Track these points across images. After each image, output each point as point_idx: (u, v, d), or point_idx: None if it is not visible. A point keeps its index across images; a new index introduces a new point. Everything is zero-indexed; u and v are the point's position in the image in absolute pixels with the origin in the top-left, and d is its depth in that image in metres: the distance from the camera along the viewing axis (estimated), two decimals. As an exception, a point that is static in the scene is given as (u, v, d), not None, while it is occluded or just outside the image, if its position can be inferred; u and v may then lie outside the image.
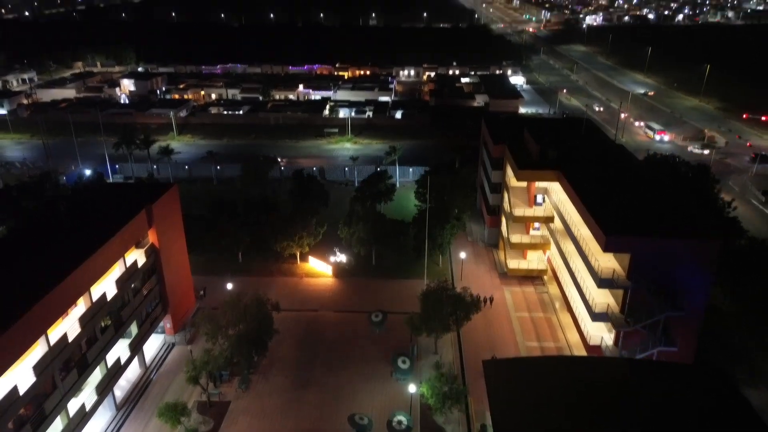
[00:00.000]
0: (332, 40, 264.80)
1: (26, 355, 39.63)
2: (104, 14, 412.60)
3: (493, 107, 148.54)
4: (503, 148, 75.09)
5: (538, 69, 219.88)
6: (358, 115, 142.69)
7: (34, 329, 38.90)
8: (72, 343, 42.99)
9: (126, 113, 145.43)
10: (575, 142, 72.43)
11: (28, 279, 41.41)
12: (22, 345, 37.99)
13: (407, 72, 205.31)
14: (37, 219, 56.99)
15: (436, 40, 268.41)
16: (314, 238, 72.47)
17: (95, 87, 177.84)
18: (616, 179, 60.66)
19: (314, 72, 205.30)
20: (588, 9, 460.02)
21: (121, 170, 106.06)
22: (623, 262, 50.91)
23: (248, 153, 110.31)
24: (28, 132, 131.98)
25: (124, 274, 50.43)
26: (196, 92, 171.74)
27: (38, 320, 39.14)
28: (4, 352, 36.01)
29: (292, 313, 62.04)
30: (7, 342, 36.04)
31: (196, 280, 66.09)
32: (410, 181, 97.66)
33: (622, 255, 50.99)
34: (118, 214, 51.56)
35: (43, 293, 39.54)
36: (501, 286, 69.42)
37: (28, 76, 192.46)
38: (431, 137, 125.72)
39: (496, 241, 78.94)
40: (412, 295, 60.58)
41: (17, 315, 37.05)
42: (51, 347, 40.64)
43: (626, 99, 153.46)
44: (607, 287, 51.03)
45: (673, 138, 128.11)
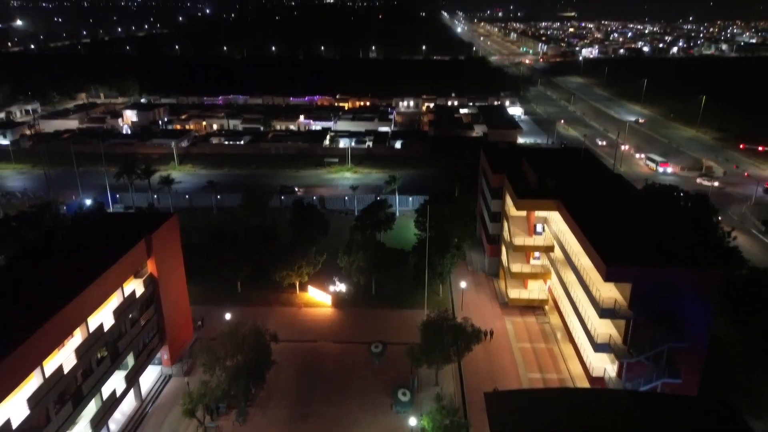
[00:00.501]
0: (333, 72, 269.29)
1: (21, 388, 39.01)
2: (109, 48, 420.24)
3: (491, 137, 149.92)
4: (502, 177, 75.49)
5: (535, 100, 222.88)
6: (358, 145, 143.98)
7: (29, 361, 38.39)
8: (67, 375, 42.38)
9: (128, 143, 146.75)
10: (574, 172, 72.88)
11: (25, 309, 41.04)
12: (16, 377, 37.44)
13: (406, 103, 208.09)
14: (36, 249, 56.83)
15: (434, 71, 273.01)
16: (314, 268, 72.19)
17: (98, 118, 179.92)
18: (616, 209, 60.80)
19: (315, 103, 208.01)
20: (584, 42, 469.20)
21: (121, 200, 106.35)
22: (624, 292, 50.60)
23: (249, 182, 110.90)
24: (29, 162, 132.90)
25: (122, 305, 50.02)
26: (198, 123, 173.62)
27: (34, 352, 38.66)
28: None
29: (290, 344, 61.32)
30: (2, 374, 35.53)
31: (195, 310, 65.53)
32: (410, 210, 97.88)
33: (623, 285, 50.72)
34: (117, 244, 51.46)
35: (39, 324, 39.15)
36: (502, 316, 68.84)
37: (32, 107, 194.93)
38: (430, 167, 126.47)
39: (497, 271, 78.62)
40: (412, 325, 59.97)
41: (12, 347, 36.59)
42: (46, 379, 40.04)
43: (623, 129, 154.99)
44: (609, 317, 50.61)
45: (678, 171, 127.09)
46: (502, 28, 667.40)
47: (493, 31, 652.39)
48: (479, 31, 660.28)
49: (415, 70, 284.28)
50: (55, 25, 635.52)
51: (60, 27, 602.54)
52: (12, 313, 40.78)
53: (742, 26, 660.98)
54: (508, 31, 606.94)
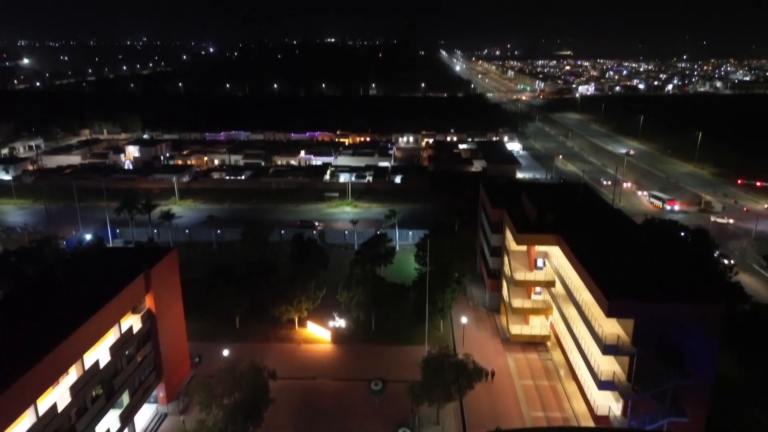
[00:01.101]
0: (333, 109, 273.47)
1: (13, 427, 38.10)
2: (113, 85, 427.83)
3: (490, 172, 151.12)
4: (502, 212, 75.71)
5: (533, 136, 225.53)
6: (358, 179, 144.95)
7: (23, 399, 37.66)
8: (61, 413, 41.50)
9: (129, 178, 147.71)
10: (573, 207, 73.14)
11: (21, 346, 40.53)
12: (9, 416, 36.66)
13: (406, 138, 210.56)
14: (34, 284, 56.48)
15: (433, 108, 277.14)
16: (313, 303, 71.61)
17: (101, 153, 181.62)
18: (616, 243, 60.74)
19: (316, 138, 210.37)
20: (580, 79, 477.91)
21: (121, 235, 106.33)
22: (627, 328, 50.06)
23: (249, 217, 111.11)
24: (31, 197, 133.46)
25: (118, 341, 49.39)
26: (200, 158, 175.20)
27: (28, 390, 37.97)
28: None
29: (289, 381, 60.32)
30: (-7, 413, 34.79)
31: (192, 346, 64.70)
32: (410, 244, 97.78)
33: (626, 320, 50.23)
34: (115, 279, 51.20)
35: (34, 361, 38.58)
36: (504, 353, 67.88)
37: (35, 143, 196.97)
38: (430, 201, 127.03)
39: (498, 306, 77.96)
40: (413, 361, 59.09)
41: (6, 385, 35.98)
42: (39, 418, 39.18)
43: (621, 164, 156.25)
44: (612, 354, 49.94)
45: (686, 207, 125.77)
46: (499, 66, 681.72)
47: (490, 69, 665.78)
48: (477, 69, 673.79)
49: (414, 106, 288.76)
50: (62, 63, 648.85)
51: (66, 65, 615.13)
52: (7, 349, 40.23)
53: (736, 64, 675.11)
54: (505, 69, 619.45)
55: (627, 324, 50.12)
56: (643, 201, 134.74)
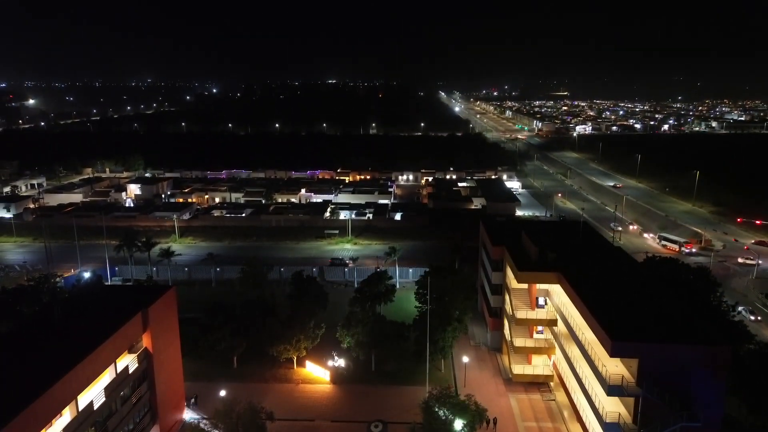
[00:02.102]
0: (334, 147, 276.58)
1: (1, 471, 36.98)
2: (117, 125, 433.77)
3: (490, 210, 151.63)
4: (503, 250, 75.56)
5: (532, 174, 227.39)
6: (358, 216, 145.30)
7: (13, 442, 36.66)
8: (52, 457, 40.36)
9: (130, 216, 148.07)
10: (574, 245, 73.04)
11: (15, 386, 39.76)
12: (-2, 459, 35.62)
13: (406, 176, 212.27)
14: (31, 323, 55.84)
15: (433, 147, 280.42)
16: (312, 342, 70.63)
17: (102, 191, 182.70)
18: (617, 282, 60.38)
19: (316, 176, 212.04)
20: (577, 119, 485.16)
21: (120, 273, 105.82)
22: (632, 368, 49.23)
23: (249, 255, 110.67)
24: (31, 235, 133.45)
25: (113, 381, 48.49)
26: (201, 196, 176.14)
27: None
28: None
29: (286, 423, 58.94)
30: (-17, 456, 33.86)
31: (188, 386, 63.46)
32: (410, 282, 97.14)
33: (630, 360, 49.43)
34: (112, 318, 50.66)
35: (27, 403, 37.77)
36: (506, 393, 66.53)
37: (38, 181, 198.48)
38: (430, 238, 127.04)
39: (500, 345, 76.87)
40: (414, 402, 57.89)
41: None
42: (29, 462, 38.07)
43: (620, 202, 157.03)
44: (617, 395, 48.92)
45: (702, 247, 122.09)
46: (497, 106, 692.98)
47: (488, 109, 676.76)
48: (475, 109, 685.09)
49: (414, 145, 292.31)
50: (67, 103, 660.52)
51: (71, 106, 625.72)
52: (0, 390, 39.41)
53: (731, 105, 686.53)
54: (503, 109, 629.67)
55: (631, 364, 49.31)
56: (652, 244, 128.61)
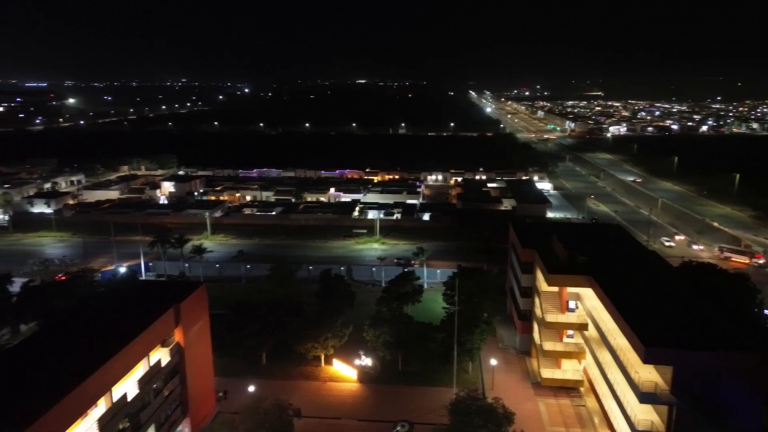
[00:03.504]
0: (363, 147, 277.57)
1: (39, 458, 38.21)
2: (152, 124, 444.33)
3: (520, 211, 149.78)
4: (532, 252, 74.57)
5: (564, 175, 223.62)
6: (386, 216, 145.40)
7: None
8: (87, 446, 41.57)
9: (163, 213, 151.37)
10: (606, 248, 71.60)
11: (52, 377, 41.08)
12: (37, 447, 36.81)
13: (435, 176, 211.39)
14: (68, 316, 57.71)
15: (462, 147, 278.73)
16: (339, 340, 71.01)
17: (138, 189, 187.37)
18: (652, 286, 58.92)
19: (345, 176, 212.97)
20: (611, 120, 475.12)
21: (154, 268, 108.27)
22: (665, 375, 47.97)
23: (278, 253, 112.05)
24: (70, 230, 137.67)
25: (147, 374, 49.67)
26: (232, 194, 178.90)
27: (56, 422, 38.24)
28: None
29: (313, 421, 59.36)
30: (23, 444, 35.01)
31: (218, 381, 64.52)
32: (438, 283, 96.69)
33: (664, 367, 48.17)
34: (146, 312, 51.89)
35: (64, 393, 38.98)
36: (534, 397, 65.60)
37: (77, 178, 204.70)
38: (458, 239, 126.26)
39: (528, 348, 75.88)
40: (440, 404, 57.64)
41: (34, 417, 36.34)
42: (66, 450, 39.29)
43: (655, 205, 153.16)
44: (650, 402, 47.75)
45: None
46: (528, 106, 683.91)
47: (519, 109, 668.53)
48: (506, 109, 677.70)
49: (443, 145, 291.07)
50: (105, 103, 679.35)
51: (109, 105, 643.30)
52: (39, 381, 40.79)
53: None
54: (534, 109, 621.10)
55: (665, 371, 48.05)
56: (703, 255, 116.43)
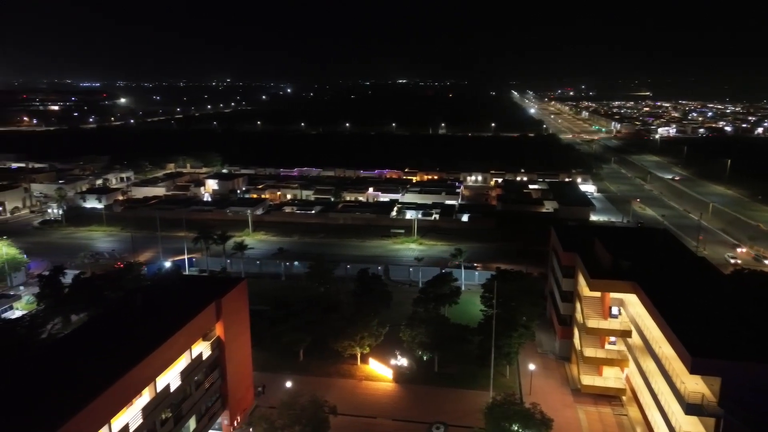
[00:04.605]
0: (402, 147, 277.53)
1: (87, 444, 39.74)
2: (197, 123, 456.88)
3: (562, 214, 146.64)
4: (574, 256, 72.88)
5: (608, 178, 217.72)
6: (424, 217, 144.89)
7: (99, 418, 39.40)
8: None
9: (207, 210, 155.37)
10: (652, 253, 69.29)
11: (100, 366, 42.67)
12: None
13: (474, 177, 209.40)
14: (117, 308, 59.94)
15: (503, 147, 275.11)
16: (375, 339, 71.20)
17: (183, 186, 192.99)
18: (700, 294, 56.65)
19: (384, 176, 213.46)
20: (660, 121, 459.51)
21: (197, 263, 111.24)
22: (713, 387, 46.03)
23: (317, 251, 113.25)
24: (119, 225, 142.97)
25: (188, 366, 51.04)
26: (273, 192, 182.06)
27: (104, 409, 39.74)
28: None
29: (349, 418, 59.71)
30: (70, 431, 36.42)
31: (256, 376, 65.72)
32: (476, 285, 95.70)
33: (712, 378, 46.22)
34: (189, 306, 53.33)
35: (111, 382, 40.46)
36: (574, 405, 64.10)
37: (126, 175, 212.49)
38: (497, 241, 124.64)
39: (568, 354, 74.19)
40: (476, 407, 57.06)
41: (84, 403, 37.83)
42: (112, 437, 40.76)
43: (705, 209, 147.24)
44: (696, 414, 45.90)
45: None
46: (573, 106, 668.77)
47: (563, 110, 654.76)
48: (549, 109, 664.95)
49: (483, 145, 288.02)
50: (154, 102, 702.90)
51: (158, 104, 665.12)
52: (88, 369, 42.43)
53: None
54: (579, 110, 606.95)
55: (713, 382, 46.10)
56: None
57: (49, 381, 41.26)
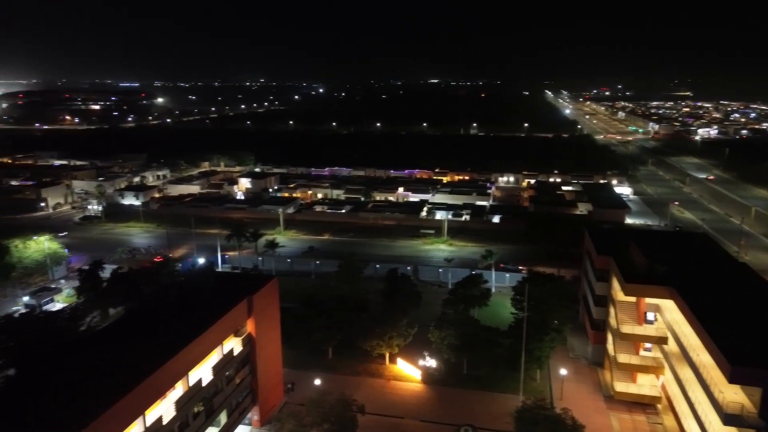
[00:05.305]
0: (433, 147, 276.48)
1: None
2: (231, 122, 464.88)
3: (596, 216, 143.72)
4: (608, 260, 71.34)
5: (645, 180, 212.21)
6: (454, 217, 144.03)
7: (135, 408, 40.53)
8: (166, 426, 44.04)
9: (239, 208, 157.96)
10: (691, 258, 67.30)
11: (136, 359, 43.87)
12: (121, 424, 39.45)
13: (506, 178, 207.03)
14: (151, 303, 61.49)
15: (536, 148, 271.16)
16: (404, 340, 71.13)
17: (217, 184, 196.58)
18: (741, 301, 54.74)
19: (414, 176, 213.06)
20: (700, 122, 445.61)
21: (229, 260, 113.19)
22: (753, 397, 44.44)
23: (346, 250, 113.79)
24: (155, 222, 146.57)
25: (220, 361, 52.00)
26: (304, 191, 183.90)
27: (139, 400, 40.84)
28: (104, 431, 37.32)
29: (376, 418, 59.85)
30: (107, 421, 37.56)
31: (286, 373, 66.45)
32: (506, 287, 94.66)
33: (752, 388, 44.61)
34: (221, 302, 54.33)
35: (146, 374, 41.54)
36: (606, 411, 62.74)
37: (163, 173, 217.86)
38: (529, 243, 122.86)
39: (601, 360, 72.65)
40: (505, 410, 56.46)
41: (121, 394, 38.97)
42: (147, 428, 41.83)
43: (748, 213, 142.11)
44: (735, 425, 44.37)
45: None
46: (609, 107, 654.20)
47: (598, 110, 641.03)
48: (584, 110, 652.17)
49: (516, 146, 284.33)
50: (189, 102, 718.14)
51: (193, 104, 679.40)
52: (124, 362, 43.68)
53: None
54: (615, 110, 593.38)
55: (753, 392, 44.50)
56: None
57: (89, 371, 42.57)
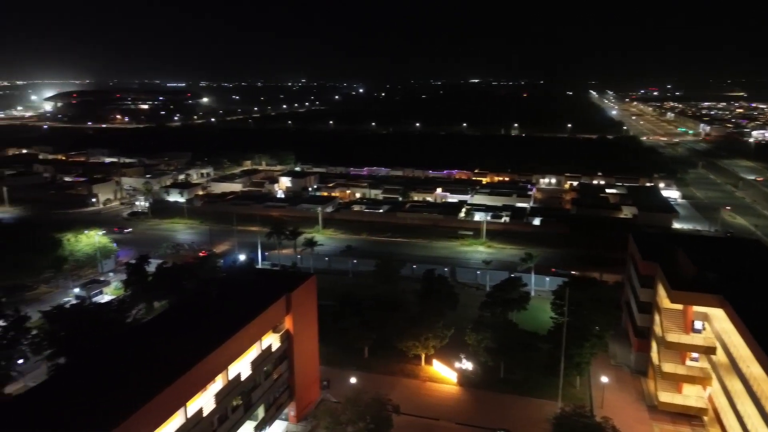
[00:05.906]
0: (473, 147, 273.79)
1: (166, 424, 41.97)
2: (273, 122, 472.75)
3: (642, 220, 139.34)
4: (654, 266, 69.02)
5: (695, 183, 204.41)
6: (493, 219, 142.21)
7: (177, 400, 41.74)
8: (206, 418, 45.16)
9: (280, 207, 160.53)
10: (743, 266, 64.43)
11: (178, 352, 45.14)
12: (164, 414, 40.69)
13: (548, 180, 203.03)
14: (193, 297, 63.18)
15: (580, 149, 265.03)
16: (440, 341, 70.73)
17: (258, 183, 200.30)
18: (798, 312, 51.97)
19: (453, 176, 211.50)
20: (755, 123, 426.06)
21: (269, 258, 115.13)
22: (811, 414, 42.14)
23: (384, 250, 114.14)
24: (198, 218, 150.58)
25: (259, 357, 52.95)
26: (343, 191, 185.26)
27: (181, 392, 42.01)
28: (146, 422, 38.51)
29: (411, 418, 59.75)
30: (150, 412, 38.72)
31: (322, 370, 67.10)
32: (546, 291, 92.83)
33: (809, 405, 42.36)
34: (260, 298, 55.32)
35: (188, 367, 42.68)
36: (649, 422, 60.78)
37: (206, 171, 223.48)
38: (571, 247, 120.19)
39: (645, 368, 70.38)
40: (542, 417, 55.50)
41: (164, 385, 40.15)
42: (188, 419, 43.00)
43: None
44: (790, 443, 42.20)
45: None
46: (656, 107, 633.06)
47: (646, 111, 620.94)
48: (630, 110, 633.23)
49: (558, 147, 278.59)
50: (233, 102, 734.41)
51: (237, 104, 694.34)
52: (167, 354, 45.01)
53: None
54: (663, 111, 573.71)
55: (810, 409, 42.21)
56: None
57: (134, 362, 44.08)
